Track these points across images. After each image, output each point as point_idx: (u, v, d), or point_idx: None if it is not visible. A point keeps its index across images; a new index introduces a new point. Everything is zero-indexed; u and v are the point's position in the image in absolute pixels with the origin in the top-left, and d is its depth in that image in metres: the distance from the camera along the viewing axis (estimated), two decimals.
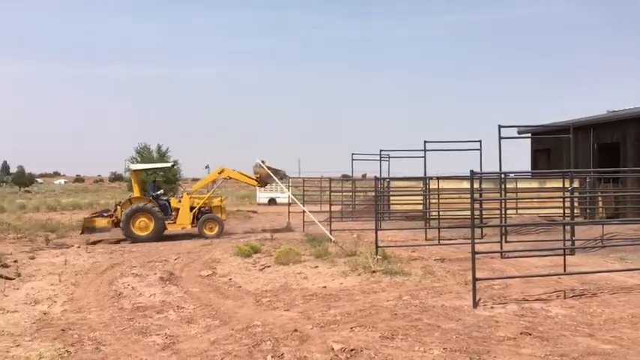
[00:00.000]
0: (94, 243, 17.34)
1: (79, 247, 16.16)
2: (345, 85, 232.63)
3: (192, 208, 18.73)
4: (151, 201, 18.33)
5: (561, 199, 13.55)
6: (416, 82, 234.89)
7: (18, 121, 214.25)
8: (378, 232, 12.36)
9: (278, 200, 42.54)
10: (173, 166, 28.98)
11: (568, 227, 12.13)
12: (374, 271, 10.49)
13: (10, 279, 10.69)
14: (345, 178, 32.71)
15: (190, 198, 18.98)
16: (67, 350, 6.19)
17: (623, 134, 21.87)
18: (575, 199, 17.39)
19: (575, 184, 16.32)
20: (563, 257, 10.24)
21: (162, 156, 43.90)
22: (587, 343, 6.15)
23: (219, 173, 19.63)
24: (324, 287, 9.54)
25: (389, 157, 21.25)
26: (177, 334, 6.83)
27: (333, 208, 18.80)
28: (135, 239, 17.48)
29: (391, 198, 20.93)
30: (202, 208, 18.93)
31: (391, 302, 8.26)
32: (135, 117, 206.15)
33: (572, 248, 12.15)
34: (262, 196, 44.98)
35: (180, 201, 18.92)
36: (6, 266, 12.09)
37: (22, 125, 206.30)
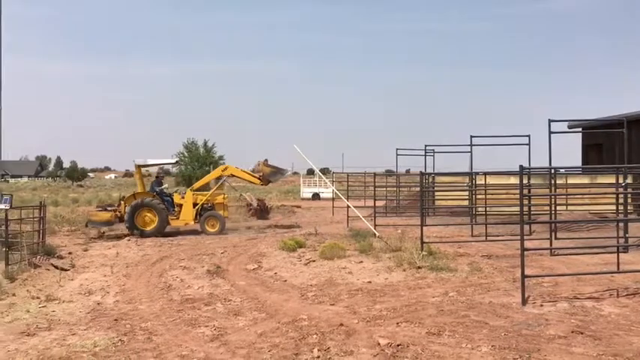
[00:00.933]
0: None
1: (129, 239, 16.63)
2: (390, 79, 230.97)
3: (194, 205, 18.82)
4: (154, 196, 18.45)
5: (614, 196, 13.12)
6: (461, 76, 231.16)
7: (70, 118, 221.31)
8: (423, 228, 12.27)
9: (322, 195, 42.70)
10: (177, 162, 29.22)
11: (621, 224, 11.75)
12: (419, 267, 10.43)
13: (65, 270, 11.11)
14: (389, 173, 32.56)
15: (193, 194, 19.06)
16: (120, 339, 6.40)
17: None
18: (629, 195, 16.79)
19: (629, 180, 15.77)
20: (616, 255, 9.93)
21: (208, 152, 44.63)
22: None
23: (223, 171, 20.03)
24: (369, 282, 9.54)
25: (434, 152, 21.09)
26: (225, 326, 6.96)
27: (377, 203, 18.74)
28: (138, 234, 17.60)
29: (436, 193, 20.72)
30: (205, 205, 18.98)
31: (437, 298, 8.20)
32: (183, 112, 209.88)
33: (626, 246, 11.76)
34: (306, 191, 45.29)
35: (183, 197, 19.00)
36: (61, 258, 12.57)
37: (74, 121, 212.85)
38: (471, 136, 16.73)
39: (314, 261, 11.61)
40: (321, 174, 27.95)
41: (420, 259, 10.87)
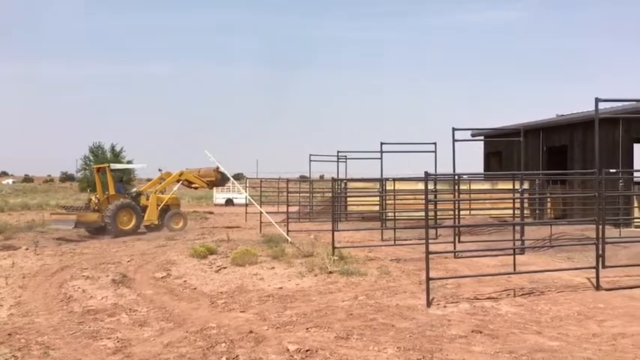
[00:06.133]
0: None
1: (27, 249, 15.66)
2: (305, 83, 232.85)
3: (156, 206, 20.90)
4: (125, 197, 20.06)
5: (512, 201, 13.92)
6: (372, 83, 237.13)
7: None
8: (335, 233, 12.43)
9: (235, 201, 42.30)
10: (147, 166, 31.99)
11: (518, 227, 12.47)
12: (330, 272, 10.54)
13: None
14: (303, 179, 32.78)
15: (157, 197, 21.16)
16: (13, 355, 6.00)
17: (570, 137, 22.59)
18: (525, 201, 17.87)
19: (525, 186, 16.78)
20: (513, 257, 10.52)
21: (116, 156, 43.13)
22: (535, 340, 6.34)
23: (180, 176, 21.96)
24: (281, 288, 9.53)
25: (346, 159, 21.41)
26: (130, 337, 6.70)
27: (291, 209, 18.80)
28: (118, 233, 18.93)
29: (348, 199, 21.10)
30: (164, 206, 21.26)
31: (347, 302, 8.32)
32: (87, 116, 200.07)
33: (522, 248, 12.49)
34: (219, 196, 44.73)
35: (148, 199, 20.81)
36: None
37: None
38: (381, 143, 17.12)
39: (225, 268, 11.45)
40: (233, 180, 27.67)
41: (331, 263, 10.99)
